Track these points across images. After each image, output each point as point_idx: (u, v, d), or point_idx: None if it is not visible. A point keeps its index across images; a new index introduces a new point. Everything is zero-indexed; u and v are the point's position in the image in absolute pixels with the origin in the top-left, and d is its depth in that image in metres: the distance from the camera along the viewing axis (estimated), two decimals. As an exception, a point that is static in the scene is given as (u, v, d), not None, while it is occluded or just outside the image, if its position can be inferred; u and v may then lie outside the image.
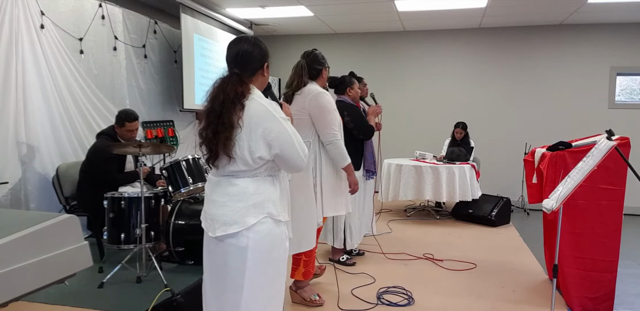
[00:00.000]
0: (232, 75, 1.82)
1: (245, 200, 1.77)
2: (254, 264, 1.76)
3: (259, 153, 1.73)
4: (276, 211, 1.80)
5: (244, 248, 1.76)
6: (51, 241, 1.14)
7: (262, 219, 1.77)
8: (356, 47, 7.57)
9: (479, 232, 5.16)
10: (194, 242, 3.57)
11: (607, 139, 2.52)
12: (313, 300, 3.01)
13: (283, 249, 1.87)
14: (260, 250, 1.77)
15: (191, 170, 3.75)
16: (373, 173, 3.98)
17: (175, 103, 6.02)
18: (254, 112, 1.73)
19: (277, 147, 1.74)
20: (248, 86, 1.80)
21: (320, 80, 2.97)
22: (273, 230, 1.80)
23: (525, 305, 3.12)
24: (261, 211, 1.77)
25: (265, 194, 1.79)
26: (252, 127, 1.72)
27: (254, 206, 1.77)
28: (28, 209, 3.88)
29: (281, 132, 1.74)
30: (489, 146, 6.92)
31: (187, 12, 5.68)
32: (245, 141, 1.73)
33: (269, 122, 1.73)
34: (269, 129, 1.73)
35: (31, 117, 3.89)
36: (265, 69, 1.88)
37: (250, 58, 1.83)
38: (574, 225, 2.95)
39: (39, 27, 3.97)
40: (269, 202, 1.79)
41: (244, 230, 1.75)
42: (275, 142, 1.73)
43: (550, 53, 6.84)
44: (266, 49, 1.89)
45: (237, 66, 1.83)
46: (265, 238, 1.78)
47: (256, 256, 1.77)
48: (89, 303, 3.01)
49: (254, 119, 1.72)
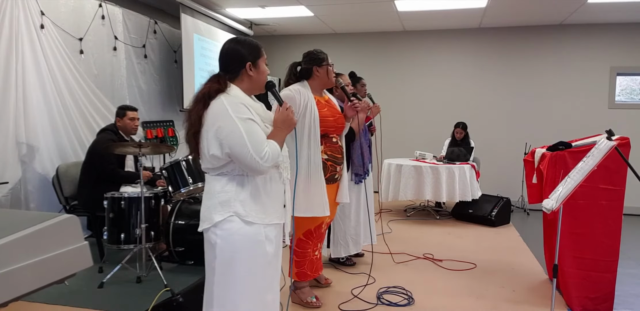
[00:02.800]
0: (215, 75, 1.89)
1: (213, 198, 1.84)
2: (222, 262, 1.82)
3: (212, 151, 1.79)
4: (244, 211, 1.81)
5: (213, 245, 1.84)
6: (51, 241, 1.14)
7: (229, 218, 1.81)
8: (356, 47, 7.57)
9: (479, 232, 5.16)
10: (194, 242, 3.56)
11: (607, 139, 2.52)
12: (309, 301, 2.99)
13: (259, 252, 1.84)
14: (228, 249, 1.81)
15: (191, 170, 3.75)
16: (362, 176, 3.72)
17: (175, 103, 6.02)
18: (213, 111, 1.78)
19: (227, 146, 1.76)
20: (222, 86, 1.83)
21: (314, 79, 2.87)
22: (242, 230, 1.81)
23: (525, 305, 3.12)
24: (227, 209, 1.81)
25: (230, 193, 1.82)
26: (209, 124, 1.78)
27: (220, 204, 1.82)
28: (28, 209, 3.88)
29: (232, 131, 1.75)
30: (489, 146, 6.92)
31: (187, 12, 5.68)
32: (204, 138, 1.80)
33: (222, 120, 1.76)
34: (222, 127, 1.76)
35: (31, 117, 3.89)
36: (250, 68, 1.88)
37: (228, 58, 1.90)
38: (574, 225, 2.95)
39: (39, 27, 3.98)
40: (235, 201, 1.81)
41: (212, 227, 1.83)
42: (225, 141, 1.76)
43: (550, 53, 6.84)
44: (250, 49, 1.89)
45: (220, 66, 1.92)
46: (232, 237, 1.81)
47: (224, 254, 1.82)
48: (89, 303, 3.01)
49: (210, 118, 1.78)
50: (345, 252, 3.71)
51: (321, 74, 2.86)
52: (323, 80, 2.89)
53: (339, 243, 3.70)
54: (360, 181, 3.71)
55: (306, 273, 3.01)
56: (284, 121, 1.91)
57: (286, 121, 1.92)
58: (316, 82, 2.88)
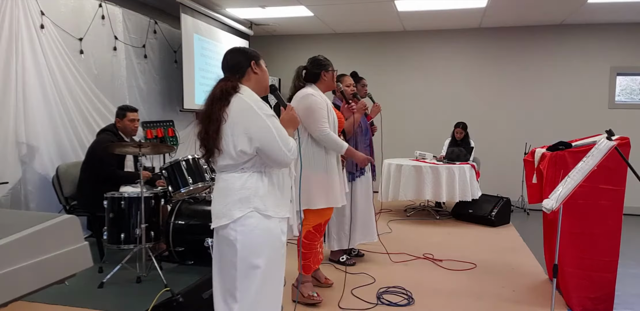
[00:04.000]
0: (224, 78, 1.99)
1: (232, 195, 1.89)
2: (243, 256, 1.88)
3: (240, 147, 1.85)
4: (263, 206, 1.89)
5: (232, 241, 1.88)
6: (51, 241, 1.14)
7: (249, 214, 1.87)
8: (356, 47, 7.57)
9: (479, 232, 5.16)
10: (194, 242, 3.56)
11: (607, 139, 2.52)
12: (311, 295, 3.03)
13: (278, 245, 1.95)
14: (249, 244, 1.88)
15: (191, 170, 3.75)
16: (355, 175, 3.84)
17: (175, 103, 6.02)
18: (237, 108, 1.86)
19: (257, 141, 1.85)
20: (235, 85, 1.93)
21: (321, 83, 3.09)
22: (261, 224, 1.89)
23: (525, 305, 3.12)
24: (247, 205, 1.88)
25: (251, 189, 1.89)
26: (235, 121, 1.85)
27: (240, 200, 1.88)
28: (28, 209, 3.88)
29: (262, 127, 1.85)
30: (489, 146, 6.92)
31: (187, 12, 5.68)
32: (229, 135, 1.86)
33: (250, 117, 1.85)
34: (250, 123, 1.85)
35: (31, 117, 3.89)
36: (254, 66, 2.01)
37: (234, 60, 2.01)
38: (574, 225, 2.95)
39: (39, 27, 3.98)
40: (255, 197, 1.89)
41: (231, 223, 1.88)
42: (256, 137, 1.84)
43: (550, 53, 6.84)
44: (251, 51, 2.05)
45: (227, 70, 2.02)
46: (253, 232, 1.88)
47: (245, 250, 1.88)
48: (89, 303, 3.01)
49: (237, 114, 1.85)
50: (338, 246, 3.83)
51: (328, 79, 3.11)
52: (329, 84, 3.12)
53: (341, 235, 3.82)
54: (353, 179, 3.85)
55: (310, 265, 3.10)
56: (289, 121, 2.04)
57: (292, 120, 2.05)
58: (322, 86, 3.12)
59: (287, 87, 3.37)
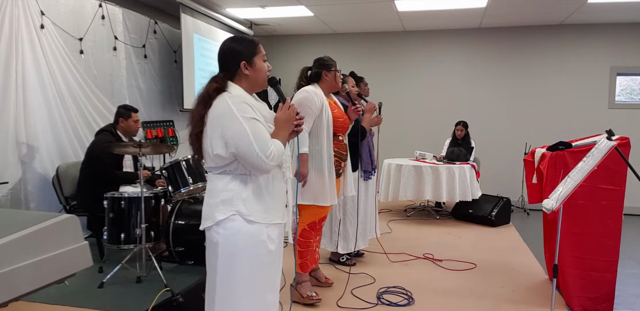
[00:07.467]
0: (214, 76, 1.90)
1: (215, 196, 1.83)
2: (224, 261, 1.81)
3: (216, 150, 1.78)
4: (246, 211, 1.80)
5: (215, 244, 1.82)
6: (51, 241, 1.14)
7: (231, 217, 1.80)
8: (356, 47, 7.57)
9: (479, 232, 5.16)
10: (194, 242, 3.57)
11: (607, 139, 2.52)
12: (309, 295, 3.03)
13: (261, 251, 1.83)
14: (230, 248, 1.80)
15: (191, 170, 3.75)
16: (371, 173, 3.95)
17: (175, 103, 6.02)
18: (216, 110, 1.78)
19: (232, 146, 1.75)
20: (222, 85, 1.84)
21: (323, 83, 3.10)
22: (244, 229, 1.80)
23: (525, 305, 3.12)
24: (230, 208, 1.80)
25: (234, 191, 1.81)
26: (213, 124, 1.78)
27: (222, 202, 1.81)
28: (28, 209, 3.88)
29: (238, 131, 1.74)
30: (489, 146, 6.92)
31: (187, 12, 5.68)
32: (208, 138, 1.79)
33: (228, 120, 1.76)
34: (227, 127, 1.76)
35: (31, 117, 3.89)
36: (245, 67, 1.86)
37: (225, 58, 1.90)
38: (574, 225, 2.95)
39: (39, 27, 3.97)
40: (237, 200, 1.80)
41: (214, 226, 1.82)
42: (231, 141, 1.75)
43: (550, 53, 6.84)
44: (245, 47, 1.89)
45: (219, 67, 1.92)
46: (234, 236, 1.80)
47: (226, 254, 1.80)
48: (89, 303, 3.01)
49: (214, 117, 1.78)
50: (355, 247, 3.84)
51: (329, 78, 3.11)
52: (331, 84, 3.13)
53: (349, 239, 3.81)
54: (369, 178, 3.93)
55: (307, 264, 3.10)
56: (285, 121, 1.88)
57: (288, 121, 1.88)
58: (324, 86, 3.12)
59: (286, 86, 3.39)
